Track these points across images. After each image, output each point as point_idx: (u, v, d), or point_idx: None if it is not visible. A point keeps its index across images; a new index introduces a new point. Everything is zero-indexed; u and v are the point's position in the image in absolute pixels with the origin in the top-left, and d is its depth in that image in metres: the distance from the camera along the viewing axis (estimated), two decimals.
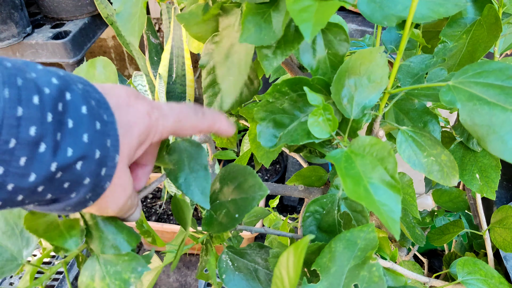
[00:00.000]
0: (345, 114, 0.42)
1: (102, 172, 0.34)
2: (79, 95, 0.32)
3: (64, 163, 0.31)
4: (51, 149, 0.30)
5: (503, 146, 0.32)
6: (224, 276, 0.48)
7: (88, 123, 0.32)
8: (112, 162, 0.34)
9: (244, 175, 0.44)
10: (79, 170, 0.32)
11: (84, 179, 0.33)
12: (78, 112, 0.32)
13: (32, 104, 0.29)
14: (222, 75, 0.45)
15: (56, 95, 0.31)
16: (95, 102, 0.33)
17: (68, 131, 0.31)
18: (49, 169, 0.30)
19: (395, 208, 0.33)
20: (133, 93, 0.38)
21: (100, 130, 0.33)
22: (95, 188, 0.34)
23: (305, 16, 0.29)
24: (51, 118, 0.30)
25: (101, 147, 0.33)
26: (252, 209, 0.42)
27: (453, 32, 0.51)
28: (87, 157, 0.32)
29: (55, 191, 0.32)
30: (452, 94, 0.35)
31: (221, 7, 0.45)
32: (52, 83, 0.31)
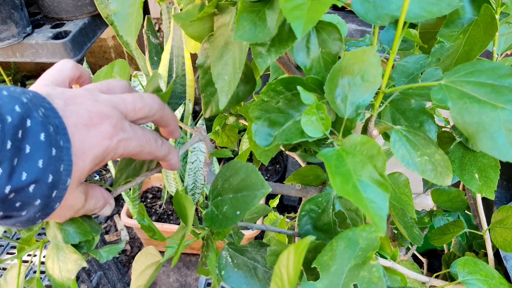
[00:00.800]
0: (339, 113, 0.42)
1: (53, 194, 0.36)
2: (39, 122, 0.34)
3: (17, 186, 0.33)
4: (7, 174, 0.32)
5: (493, 144, 0.33)
6: (223, 272, 0.48)
7: (45, 149, 0.34)
8: (63, 185, 0.37)
9: (246, 172, 0.45)
10: (31, 193, 0.34)
11: (35, 201, 0.35)
12: (36, 139, 0.34)
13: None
14: (216, 74, 0.45)
15: (17, 123, 0.33)
16: (53, 128, 0.35)
17: (25, 156, 0.33)
18: (3, 191, 0.32)
19: (383, 205, 0.33)
20: (100, 112, 0.39)
21: (55, 156, 0.35)
22: (45, 209, 0.37)
23: (297, 13, 0.29)
24: (10, 145, 0.32)
25: (54, 172, 0.35)
26: (253, 206, 0.42)
27: (450, 32, 0.51)
28: (40, 181, 0.34)
29: (7, 209, 0.34)
30: (443, 93, 0.36)
31: (217, 6, 0.45)
32: (15, 111, 0.33)
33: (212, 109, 0.55)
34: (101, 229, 0.47)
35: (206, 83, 0.54)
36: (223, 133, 0.83)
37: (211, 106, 0.55)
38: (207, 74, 0.53)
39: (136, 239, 2.08)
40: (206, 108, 0.55)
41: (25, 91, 0.36)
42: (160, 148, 0.46)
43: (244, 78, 0.52)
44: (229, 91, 0.44)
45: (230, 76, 0.44)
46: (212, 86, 0.54)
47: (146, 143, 0.43)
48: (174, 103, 1.64)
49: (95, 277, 1.52)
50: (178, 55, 1.59)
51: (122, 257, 2.00)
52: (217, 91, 0.45)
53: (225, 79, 0.44)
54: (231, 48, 0.44)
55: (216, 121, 0.81)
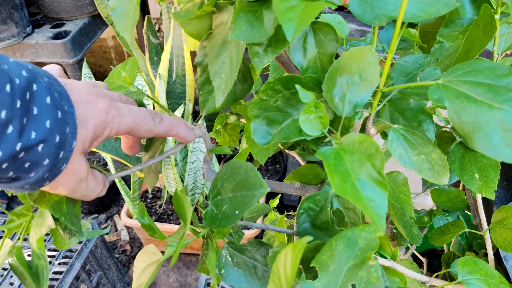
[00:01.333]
0: (337, 112, 0.42)
1: (60, 155, 0.38)
2: (44, 87, 0.37)
3: (27, 144, 0.35)
4: (18, 131, 0.34)
5: (488, 143, 0.33)
6: (223, 271, 0.49)
7: (51, 112, 0.37)
8: (69, 147, 0.39)
9: (245, 172, 0.45)
10: (40, 152, 0.36)
11: (44, 160, 0.37)
12: (43, 102, 0.36)
13: (4, 91, 0.33)
14: (214, 72, 0.46)
15: (25, 85, 0.35)
16: (57, 94, 0.38)
17: (33, 117, 0.35)
18: (14, 148, 0.34)
19: (382, 203, 0.33)
20: (95, 91, 0.43)
21: (61, 118, 0.37)
22: (53, 169, 0.38)
23: (290, 15, 0.29)
24: (20, 104, 0.34)
25: (61, 133, 0.37)
26: (252, 206, 0.43)
27: (450, 32, 0.51)
28: (48, 140, 0.37)
29: (17, 169, 0.36)
30: (440, 92, 0.36)
31: (215, 5, 0.45)
32: (22, 75, 0.35)
33: (209, 108, 0.55)
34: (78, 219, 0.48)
35: (204, 81, 0.54)
36: (225, 132, 0.83)
37: (209, 104, 0.55)
38: (205, 72, 0.53)
39: (136, 239, 2.08)
40: (203, 106, 0.56)
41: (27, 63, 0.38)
42: (159, 125, 0.48)
43: (241, 77, 0.52)
44: (226, 89, 0.44)
45: (227, 75, 0.44)
46: (210, 84, 0.54)
47: (141, 120, 0.46)
48: (174, 103, 1.64)
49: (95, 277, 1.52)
50: (178, 55, 1.59)
51: (122, 257, 2.00)
52: (214, 89, 0.45)
53: (222, 77, 0.45)
54: (229, 47, 0.44)
55: (218, 121, 0.81)
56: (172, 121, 0.50)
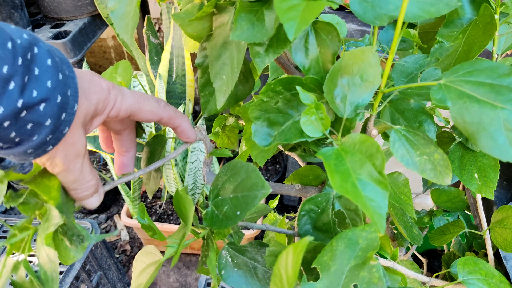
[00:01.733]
0: (338, 113, 0.42)
1: (62, 116, 0.38)
2: (45, 50, 0.37)
3: (29, 102, 0.35)
4: (19, 88, 0.34)
5: (493, 143, 0.33)
6: (223, 272, 0.48)
7: (52, 73, 0.37)
8: (71, 110, 0.39)
9: (247, 172, 0.45)
10: (42, 111, 0.36)
11: (46, 120, 0.37)
12: (43, 63, 0.37)
13: (6, 48, 0.33)
14: (214, 73, 0.45)
15: (26, 46, 0.35)
16: (58, 59, 0.38)
17: (34, 77, 0.36)
18: (16, 105, 0.34)
19: (382, 203, 0.33)
20: (97, 74, 0.44)
21: (62, 80, 0.38)
22: (55, 132, 0.38)
23: (291, 14, 0.29)
24: (21, 62, 0.34)
25: (62, 94, 0.38)
26: (254, 207, 0.42)
27: (450, 32, 0.51)
28: (50, 99, 0.36)
29: (19, 130, 0.36)
30: (443, 93, 0.36)
31: (215, 6, 0.45)
32: (24, 37, 0.35)
33: (211, 109, 0.55)
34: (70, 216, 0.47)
35: (205, 82, 0.54)
36: (223, 134, 0.83)
37: (210, 105, 0.55)
38: (206, 74, 0.53)
39: (136, 239, 2.08)
40: (204, 108, 0.55)
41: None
42: (163, 108, 0.48)
43: (242, 78, 0.52)
44: (227, 91, 0.44)
45: (228, 76, 0.44)
46: (211, 86, 0.54)
47: (144, 100, 0.46)
48: (174, 103, 1.64)
49: (95, 277, 1.52)
50: (178, 55, 1.59)
51: (122, 257, 2.00)
52: (215, 90, 0.45)
53: (223, 79, 0.45)
54: (229, 48, 0.44)
55: (216, 122, 0.81)
56: (176, 110, 0.50)
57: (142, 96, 0.47)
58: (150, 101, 0.47)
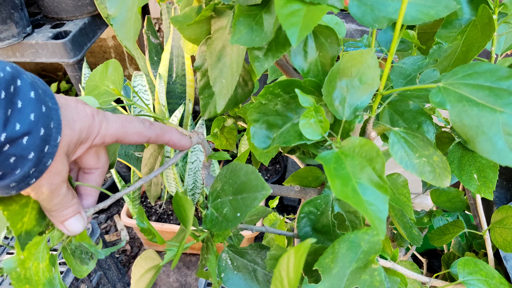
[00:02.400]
0: (337, 115, 0.42)
1: (46, 149, 0.38)
2: (28, 83, 0.37)
3: (12, 135, 0.35)
4: (2, 122, 0.34)
5: (492, 147, 0.33)
6: (223, 275, 0.48)
7: (35, 105, 0.37)
8: (54, 142, 0.39)
9: (246, 174, 0.45)
10: (24, 144, 0.36)
11: (29, 154, 0.37)
12: (27, 96, 0.36)
13: None
14: (214, 77, 0.45)
15: (9, 79, 0.35)
16: (41, 91, 0.38)
17: (17, 109, 0.36)
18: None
19: (382, 208, 0.33)
20: (82, 101, 0.44)
21: (45, 113, 0.38)
22: (38, 164, 0.38)
23: (293, 20, 0.29)
24: (4, 95, 0.34)
25: (45, 126, 0.38)
26: (254, 208, 0.42)
27: (448, 33, 0.51)
28: (33, 133, 0.36)
29: (1, 164, 0.36)
30: (442, 96, 0.35)
31: (214, 9, 0.45)
32: (6, 70, 0.35)
33: (210, 111, 0.55)
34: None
35: (204, 85, 0.54)
36: (222, 135, 0.83)
37: (209, 108, 0.55)
38: (205, 77, 0.53)
39: (136, 239, 2.08)
40: (204, 110, 0.55)
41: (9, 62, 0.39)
42: (149, 128, 0.48)
43: (241, 81, 0.52)
44: (227, 94, 0.44)
45: (228, 79, 0.44)
46: (210, 89, 0.54)
47: (128, 123, 0.46)
48: (174, 103, 1.64)
49: (95, 277, 1.52)
50: (178, 55, 1.59)
51: (122, 257, 2.00)
52: (215, 94, 0.45)
53: (222, 82, 0.44)
54: (229, 52, 0.44)
55: (215, 124, 0.81)
56: (162, 126, 0.50)
57: (126, 120, 0.46)
58: (135, 123, 0.47)
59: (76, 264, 0.48)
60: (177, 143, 0.51)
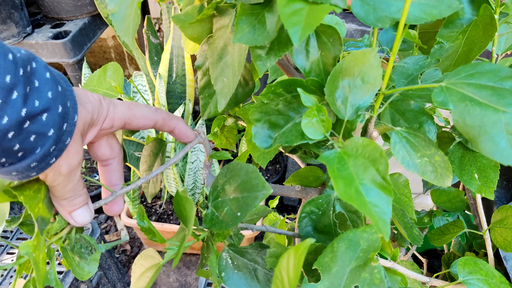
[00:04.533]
0: (339, 115, 0.42)
1: (64, 126, 0.39)
2: (43, 65, 0.38)
3: (32, 111, 0.36)
4: (22, 98, 0.35)
5: (494, 147, 0.33)
6: (223, 274, 0.48)
7: (51, 85, 0.38)
8: (72, 121, 0.40)
9: (247, 174, 0.45)
10: (44, 121, 0.37)
11: (49, 130, 0.37)
12: (43, 76, 0.38)
13: (7, 59, 0.34)
14: (215, 76, 0.45)
15: (25, 59, 0.36)
16: (56, 73, 0.40)
17: (35, 88, 0.36)
18: (20, 114, 0.35)
19: (386, 209, 0.33)
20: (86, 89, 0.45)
21: (61, 92, 0.39)
22: (58, 142, 0.39)
23: (295, 19, 0.29)
24: (22, 73, 0.35)
25: (63, 104, 0.39)
26: (254, 207, 0.42)
27: (450, 32, 0.51)
28: (51, 109, 0.37)
29: (22, 142, 0.36)
30: (444, 95, 0.35)
31: (216, 8, 0.45)
32: (21, 52, 0.36)
33: (211, 111, 0.55)
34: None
35: (204, 84, 0.54)
36: (222, 134, 0.83)
37: (210, 107, 0.55)
38: (206, 76, 0.53)
39: (136, 239, 2.08)
40: (204, 110, 0.55)
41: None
42: (155, 112, 0.49)
43: (242, 80, 0.52)
44: (228, 93, 0.44)
45: (229, 78, 0.44)
46: (210, 88, 0.54)
47: (135, 107, 0.48)
48: (174, 103, 1.64)
49: (95, 277, 1.52)
50: (178, 55, 1.59)
51: (122, 257, 2.00)
52: (216, 93, 0.45)
53: (224, 81, 0.44)
54: (230, 50, 0.44)
55: (215, 123, 0.81)
56: (168, 112, 0.51)
57: (132, 104, 0.48)
58: (141, 106, 0.48)
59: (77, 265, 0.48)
60: (182, 131, 0.52)
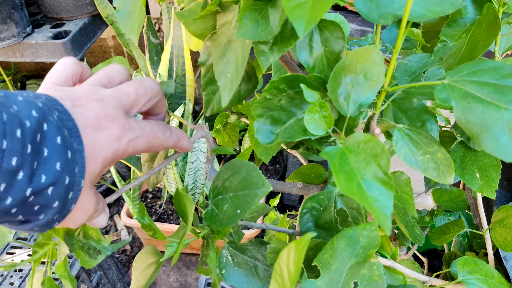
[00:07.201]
0: (341, 111, 0.42)
1: (69, 195, 0.37)
2: (55, 125, 0.35)
3: (37, 189, 0.34)
4: (28, 177, 0.33)
5: (496, 144, 0.33)
6: (224, 271, 0.48)
7: (61, 152, 0.35)
8: (78, 187, 0.37)
9: (247, 171, 0.45)
10: (49, 195, 0.35)
11: (53, 203, 0.36)
12: (53, 142, 0.35)
13: (15, 137, 0.32)
14: (219, 72, 0.45)
15: (35, 127, 0.34)
16: (68, 131, 0.36)
17: (43, 160, 0.34)
18: (24, 194, 0.33)
19: (388, 203, 0.33)
20: (106, 114, 0.40)
21: (71, 159, 0.36)
22: (62, 210, 0.37)
23: (299, 12, 0.29)
24: (30, 149, 0.33)
25: (70, 173, 0.36)
26: (254, 205, 0.42)
27: (453, 31, 0.51)
28: (58, 183, 0.35)
29: (26, 213, 0.35)
30: (447, 92, 0.35)
31: (219, 4, 0.45)
32: (32, 115, 0.34)
33: (214, 107, 0.55)
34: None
35: (208, 81, 0.54)
36: (224, 132, 0.83)
37: (213, 104, 0.55)
38: (209, 72, 0.53)
39: (136, 239, 2.08)
40: (207, 106, 0.55)
41: (37, 95, 0.37)
42: (169, 138, 0.47)
43: (246, 76, 0.52)
44: (232, 89, 0.44)
45: (233, 74, 0.44)
46: (214, 84, 0.54)
47: (154, 138, 0.44)
48: (174, 103, 1.64)
49: (95, 277, 1.52)
50: (178, 55, 1.59)
51: (122, 257, 2.00)
52: (220, 89, 0.45)
53: (227, 77, 0.44)
54: (234, 46, 0.44)
55: (218, 120, 0.81)
56: (178, 133, 0.49)
57: (152, 132, 0.44)
58: (159, 136, 0.45)
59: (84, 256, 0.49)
60: (184, 148, 0.51)
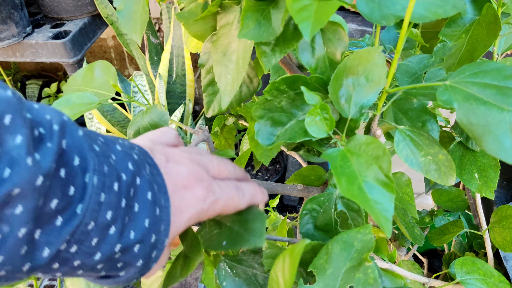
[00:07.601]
0: (342, 113, 0.42)
1: (153, 254, 0.36)
2: (147, 180, 0.35)
3: (126, 245, 0.33)
4: (119, 232, 0.33)
5: (499, 146, 0.32)
6: (225, 283, 0.48)
7: (150, 209, 0.35)
8: (162, 245, 0.37)
9: (253, 214, 0.44)
10: (135, 252, 0.34)
11: (137, 261, 0.35)
12: (144, 197, 0.35)
13: (112, 191, 0.32)
14: (219, 73, 0.45)
15: (130, 181, 0.34)
16: (157, 186, 0.36)
17: (133, 215, 0.34)
18: (113, 249, 0.32)
19: (389, 206, 0.33)
20: (196, 174, 0.40)
21: (158, 216, 0.36)
22: (143, 269, 0.36)
23: (304, 15, 0.29)
24: (124, 203, 0.33)
25: (157, 232, 0.36)
26: (240, 249, 0.41)
27: (452, 31, 0.51)
28: (145, 240, 0.35)
29: (109, 269, 0.34)
30: (449, 94, 0.35)
31: (220, 5, 0.45)
32: (129, 169, 0.34)
33: (215, 109, 0.55)
34: None
35: (208, 82, 0.54)
36: (221, 135, 0.83)
37: (213, 105, 0.55)
38: (210, 73, 0.53)
39: None
40: (208, 108, 0.55)
41: (132, 145, 0.37)
42: (242, 199, 0.45)
43: (247, 78, 0.52)
44: (232, 91, 0.44)
45: (234, 76, 0.43)
46: (214, 86, 0.54)
47: (230, 200, 0.43)
48: (174, 103, 1.64)
49: None
50: (178, 55, 1.59)
51: None
52: (220, 91, 0.45)
53: (228, 78, 0.44)
54: (235, 48, 0.44)
55: (216, 122, 0.81)
56: (251, 192, 0.47)
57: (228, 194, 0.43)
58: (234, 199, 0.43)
59: None
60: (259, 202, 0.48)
